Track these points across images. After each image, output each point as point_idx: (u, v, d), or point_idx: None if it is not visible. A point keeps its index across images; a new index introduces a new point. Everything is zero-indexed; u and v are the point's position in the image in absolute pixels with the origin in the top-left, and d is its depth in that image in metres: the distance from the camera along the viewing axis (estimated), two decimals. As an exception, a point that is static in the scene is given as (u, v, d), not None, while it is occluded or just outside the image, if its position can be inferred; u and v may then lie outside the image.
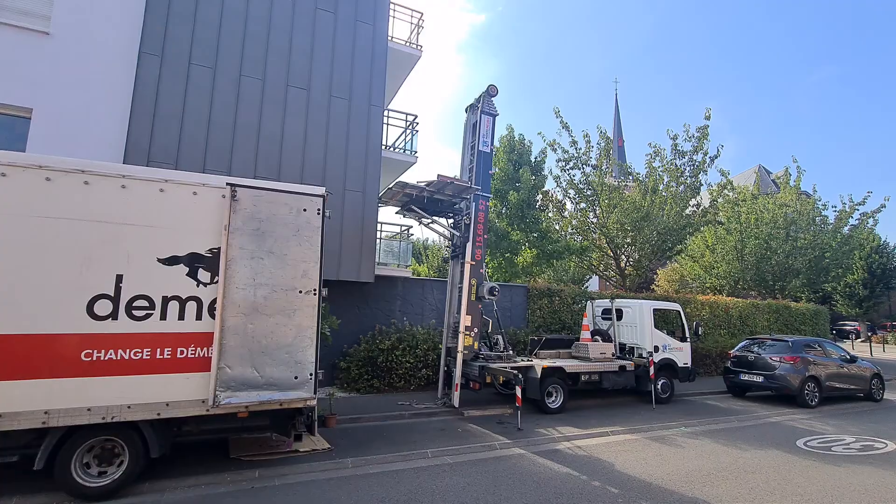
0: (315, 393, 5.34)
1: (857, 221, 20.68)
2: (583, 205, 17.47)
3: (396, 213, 10.44)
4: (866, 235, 22.60)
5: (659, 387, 10.22)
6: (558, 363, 9.44)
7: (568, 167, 17.05)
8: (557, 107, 17.03)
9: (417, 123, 11.52)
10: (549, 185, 18.02)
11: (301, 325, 5.25)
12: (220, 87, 9.00)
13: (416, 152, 11.54)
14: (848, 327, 36.48)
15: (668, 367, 10.70)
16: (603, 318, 11.73)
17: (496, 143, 16.93)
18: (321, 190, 5.56)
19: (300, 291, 5.27)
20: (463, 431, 7.49)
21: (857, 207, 20.36)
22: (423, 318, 11.76)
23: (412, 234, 13.45)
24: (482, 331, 9.87)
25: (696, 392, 11.65)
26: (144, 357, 4.71)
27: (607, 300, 11.93)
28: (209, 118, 8.84)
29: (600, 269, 19.47)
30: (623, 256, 17.63)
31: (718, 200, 17.94)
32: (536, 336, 11.16)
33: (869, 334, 34.55)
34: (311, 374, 5.26)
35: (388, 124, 11.47)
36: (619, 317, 11.24)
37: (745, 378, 11.14)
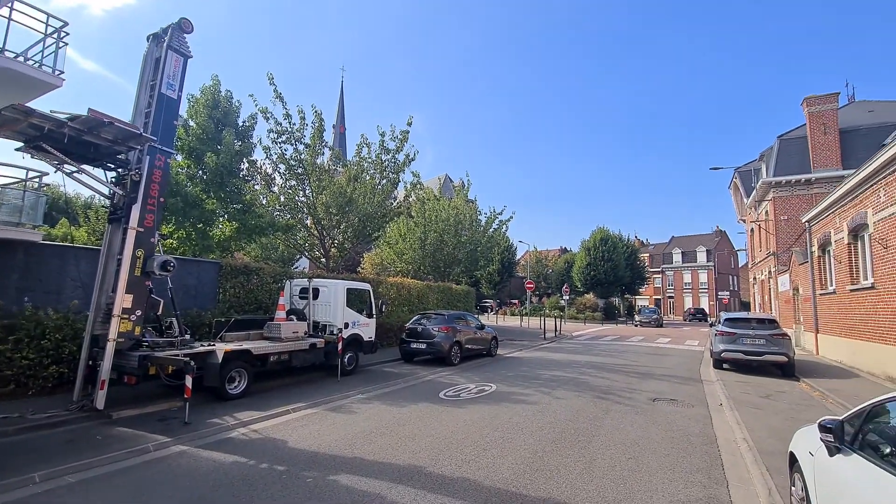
0: None
1: (497, 226, 28.17)
2: (293, 182, 17.01)
3: (18, 149, 7.35)
4: (501, 237, 31.12)
5: (346, 360, 11.03)
6: (245, 346, 8.85)
7: (280, 140, 16.22)
8: (272, 73, 15.74)
9: (67, 34, 8.40)
10: (259, 155, 16.73)
11: None
12: None
13: (62, 73, 8.40)
14: (487, 303, 49.67)
15: (355, 341, 11.68)
16: (301, 298, 11.77)
17: (196, 94, 14.45)
18: None
19: None
20: (105, 438, 5.98)
21: (497, 216, 27.75)
22: (62, 297, 8.83)
23: (58, 185, 9.83)
24: (151, 313, 8.22)
25: (378, 361, 13.19)
26: None
27: (305, 280, 12.03)
28: None
29: (306, 248, 19.52)
30: (328, 238, 18.20)
31: (411, 197, 20.89)
32: (224, 318, 10.13)
33: (498, 309, 48.03)
34: None
35: (10, 19, 7.92)
36: (316, 296, 11.52)
37: (414, 346, 13.41)
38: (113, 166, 7.83)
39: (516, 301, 56.21)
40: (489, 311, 46.55)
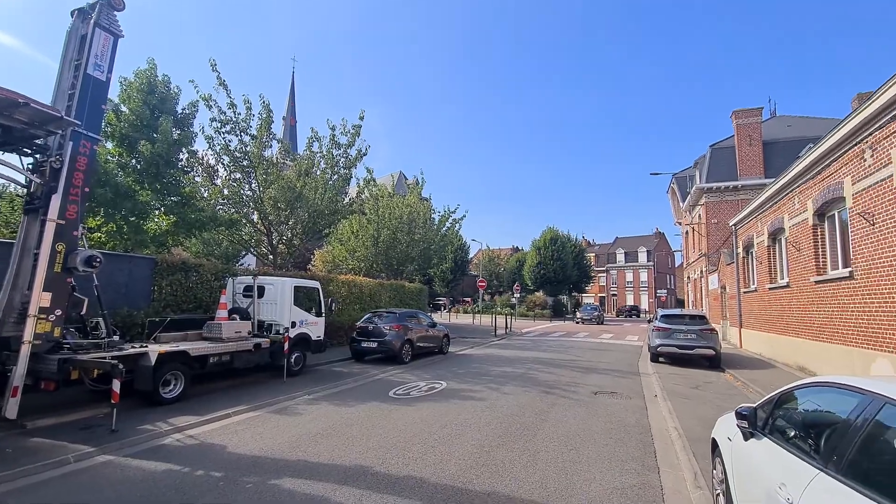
0: None
1: (450, 224, 28.33)
2: (238, 175, 16.22)
3: None
4: (454, 236, 31.37)
5: (292, 360, 10.69)
6: (182, 347, 8.34)
7: (224, 130, 15.40)
8: (214, 59, 14.94)
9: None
10: (201, 145, 15.84)
11: None
12: None
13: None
14: (440, 301, 49.91)
15: (303, 341, 11.35)
16: (244, 296, 11.29)
17: (130, 77, 13.42)
18: None
19: None
20: (16, 451, 5.44)
21: (451, 214, 27.91)
22: (-34, 296, 7.92)
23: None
24: (74, 313, 7.57)
25: (327, 361, 12.90)
26: None
27: (250, 277, 11.55)
28: None
29: (252, 244, 18.71)
30: (276, 234, 17.55)
31: (364, 194, 20.57)
32: (159, 317, 9.52)
33: (451, 307, 48.33)
34: None
35: None
36: (261, 294, 11.09)
37: (365, 345, 13.23)
38: (30, 152, 7.12)
39: (469, 299, 56.87)
40: (442, 308, 46.76)
